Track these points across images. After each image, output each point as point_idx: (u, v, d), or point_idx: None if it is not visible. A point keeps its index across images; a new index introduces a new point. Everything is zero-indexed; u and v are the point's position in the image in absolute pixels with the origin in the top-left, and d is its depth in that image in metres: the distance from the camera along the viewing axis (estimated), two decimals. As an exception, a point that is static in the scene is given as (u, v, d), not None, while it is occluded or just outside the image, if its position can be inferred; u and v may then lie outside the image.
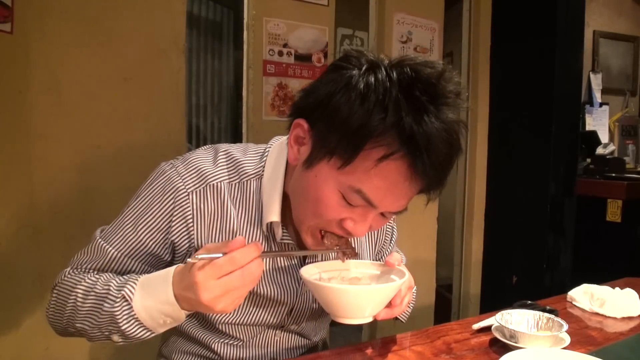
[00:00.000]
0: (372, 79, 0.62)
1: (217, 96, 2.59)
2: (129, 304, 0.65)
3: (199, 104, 2.51)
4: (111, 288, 0.68)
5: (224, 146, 0.81)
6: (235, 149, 0.80)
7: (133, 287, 0.66)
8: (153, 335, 0.67)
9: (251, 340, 0.86)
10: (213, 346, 0.85)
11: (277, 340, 0.89)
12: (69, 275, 0.76)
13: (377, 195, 0.64)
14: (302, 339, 0.93)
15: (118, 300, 0.66)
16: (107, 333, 0.68)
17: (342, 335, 2.40)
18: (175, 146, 1.59)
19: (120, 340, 0.68)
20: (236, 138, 2.47)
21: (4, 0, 1.26)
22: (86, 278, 0.73)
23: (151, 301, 0.64)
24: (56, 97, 1.40)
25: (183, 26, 1.61)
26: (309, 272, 0.74)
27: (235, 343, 0.86)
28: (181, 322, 0.66)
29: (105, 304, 0.67)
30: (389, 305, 0.71)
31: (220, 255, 0.59)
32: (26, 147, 1.37)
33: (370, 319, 0.69)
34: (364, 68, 0.64)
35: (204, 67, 2.51)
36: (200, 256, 0.59)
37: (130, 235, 0.75)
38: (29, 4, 1.33)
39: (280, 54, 1.85)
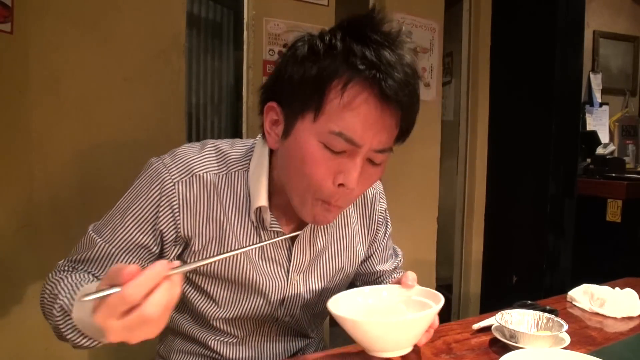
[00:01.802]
0: (316, 39, 0.67)
1: (217, 96, 2.58)
2: (69, 317, 0.64)
3: (199, 104, 2.50)
4: (61, 294, 0.67)
5: (212, 140, 0.83)
6: (222, 143, 0.82)
7: (73, 297, 0.65)
8: (100, 344, 0.64)
9: (247, 337, 0.87)
10: (210, 344, 0.86)
11: (273, 337, 0.89)
12: (58, 269, 0.77)
13: (356, 131, 0.64)
14: (299, 336, 0.93)
15: (59, 310, 0.65)
16: (62, 336, 0.67)
17: (342, 335, 2.39)
18: (175, 146, 1.57)
19: (75, 346, 0.66)
20: (236, 138, 2.46)
21: (4, 0, 1.26)
22: (61, 277, 0.72)
23: (82, 316, 0.61)
24: (56, 97, 1.40)
25: (183, 26, 1.61)
26: (337, 307, 0.68)
27: (232, 340, 0.86)
28: None
29: (54, 311, 0.66)
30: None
31: (113, 291, 0.48)
32: (26, 147, 1.37)
33: (411, 348, 0.66)
34: (306, 38, 0.70)
35: (204, 67, 2.51)
36: (86, 298, 0.48)
37: (119, 227, 0.75)
38: (29, 4, 1.33)
39: (280, 54, 1.85)
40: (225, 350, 0.86)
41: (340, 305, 0.72)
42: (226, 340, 0.86)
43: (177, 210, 0.75)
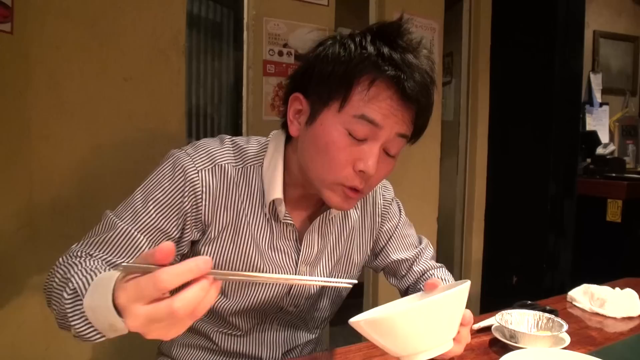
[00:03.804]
0: (348, 40, 0.73)
1: (217, 96, 2.58)
2: (81, 300, 0.58)
3: (199, 104, 2.50)
4: (75, 277, 0.61)
5: (228, 136, 0.85)
6: (238, 138, 0.85)
7: (86, 284, 0.59)
8: (102, 339, 0.57)
9: (251, 329, 0.88)
10: (213, 337, 0.87)
11: (275, 329, 0.90)
12: (72, 254, 0.73)
13: (378, 116, 0.70)
14: (300, 331, 0.93)
15: (71, 293, 0.60)
16: (66, 325, 0.61)
17: (342, 335, 2.40)
18: (175, 146, 1.56)
19: (77, 335, 0.59)
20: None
21: (4, 0, 1.26)
22: (76, 262, 0.68)
23: (96, 302, 0.54)
24: (56, 97, 1.40)
25: (183, 26, 1.61)
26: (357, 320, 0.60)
27: (235, 333, 0.87)
28: (126, 332, 0.53)
29: (64, 293, 0.61)
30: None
31: (150, 266, 0.45)
32: (26, 147, 1.37)
33: (450, 343, 0.60)
34: (338, 37, 0.75)
35: (204, 67, 2.51)
36: (124, 264, 0.46)
37: (141, 212, 0.75)
38: (29, 4, 1.33)
39: (280, 54, 1.85)
40: (228, 343, 0.88)
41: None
42: (230, 332, 0.88)
43: (200, 197, 0.77)
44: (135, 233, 0.74)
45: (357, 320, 0.59)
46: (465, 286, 0.60)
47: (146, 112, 1.55)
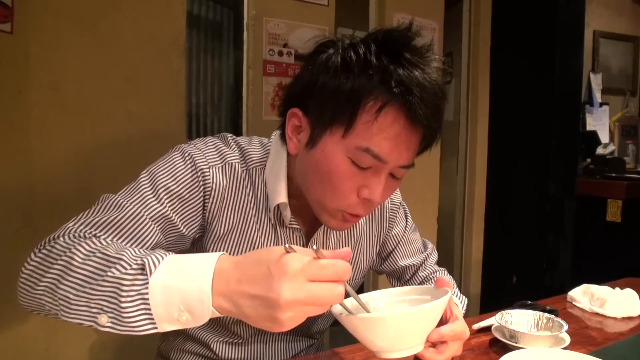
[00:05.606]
0: (350, 51, 0.66)
1: (217, 96, 2.58)
2: (146, 277, 0.51)
3: (199, 104, 2.50)
4: (128, 253, 0.55)
5: (230, 134, 0.83)
6: (240, 138, 0.83)
7: (157, 260, 0.52)
8: (150, 331, 0.51)
9: (251, 337, 0.87)
10: (212, 346, 0.86)
11: (276, 336, 0.89)
12: (75, 233, 0.64)
13: (384, 149, 0.65)
14: (302, 336, 0.93)
15: (133, 267, 0.52)
16: (95, 310, 0.52)
17: (342, 335, 2.39)
18: (175, 146, 1.59)
19: (108, 324, 0.51)
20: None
21: (4, 0, 1.26)
22: (98, 240, 0.62)
23: (179, 281, 0.50)
24: (56, 97, 1.40)
25: (183, 26, 1.61)
26: (339, 309, 0.63)
27: (235, 341, 0.86)
28: (199, 324, 0.51)
29: (114, 270, 0.53)
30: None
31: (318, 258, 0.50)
32: (26, 147, 1.37)
33: (422, 347, 0.64)
34: (339, 46, 0.69)
35: (204, 67, 2.51)
36: (297, 248, 0.49)
37: (150, 198, 0.70)
38: (29, 4, 1.33)
39: (280, 54, 1.85)
40: (227, 351, 0.86)
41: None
42: (230, 340, 0.86)
43: (208, 194, 0.75)
44: (146, 219, 0.68)
45: (349, 316, 0.60)
46: (447, 297, 0.62)
47: (146, 112, 1.55)
